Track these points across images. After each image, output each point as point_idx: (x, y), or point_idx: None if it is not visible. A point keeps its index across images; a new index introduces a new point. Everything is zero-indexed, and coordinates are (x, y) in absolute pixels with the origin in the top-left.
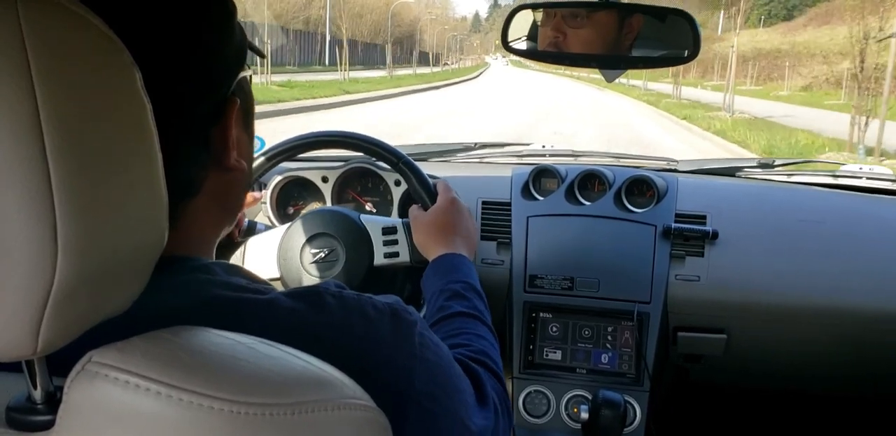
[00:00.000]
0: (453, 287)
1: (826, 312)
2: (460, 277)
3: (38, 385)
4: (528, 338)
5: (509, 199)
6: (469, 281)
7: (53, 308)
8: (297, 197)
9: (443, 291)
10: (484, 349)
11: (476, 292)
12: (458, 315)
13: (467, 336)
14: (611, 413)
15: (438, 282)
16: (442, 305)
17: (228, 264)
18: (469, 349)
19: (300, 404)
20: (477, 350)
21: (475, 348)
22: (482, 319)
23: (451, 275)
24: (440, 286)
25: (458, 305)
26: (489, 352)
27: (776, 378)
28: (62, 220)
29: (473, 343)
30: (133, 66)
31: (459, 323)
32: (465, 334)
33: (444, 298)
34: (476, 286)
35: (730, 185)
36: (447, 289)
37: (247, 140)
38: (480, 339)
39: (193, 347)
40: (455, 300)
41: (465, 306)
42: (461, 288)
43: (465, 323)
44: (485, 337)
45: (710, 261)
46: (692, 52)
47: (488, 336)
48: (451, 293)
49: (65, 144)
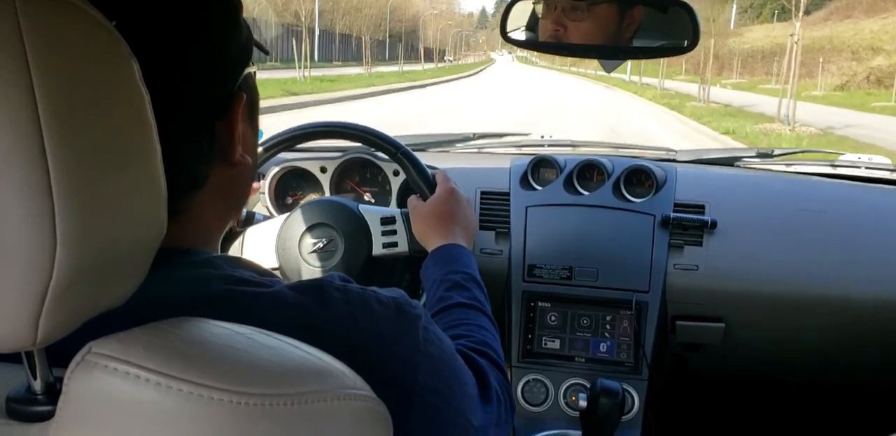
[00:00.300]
0: (453, 278)
1: (824, 300)
2: (460, 267)
3: (38, 376)
4: (526, 327)
5: (508, 189)
6: (469, 271)
7: (53, 300)
8: (296, 187)
9: (443, 281)
10: (485, 340)
11: (476, 283)
12: (459, 306)
13: (468, 327)
14: (609, 402)
15: (438, 272)
16: (442, 296)
17: (232, 257)
18: (470, 340)
19: (300, 395)
20: (478, 341)
21: (476, 338)
22: (482, 309)
23: (451, 265)
24: (440, 276)
25: (459, 295)
26: (490, 342)
27: (775, 367)
28: (61, 213)
29: (475, 334)
30: (131, 57)
31: (460, 314)
32: (466, 325)
33: (444, 289)
34: (476, 277)
35: (729, 174)
36: (447, 279)
37: (251, 135)
38: (482, 330)
39: (193, 337)
40: (455, 291)
41: (465, 297)
42: (461, 279)
43: (465, 314)
44: (486, 328)
45: (708, 250)
46: (691, 42)
47: (489, 327)
48: (451, 284)
49: (63, 137)
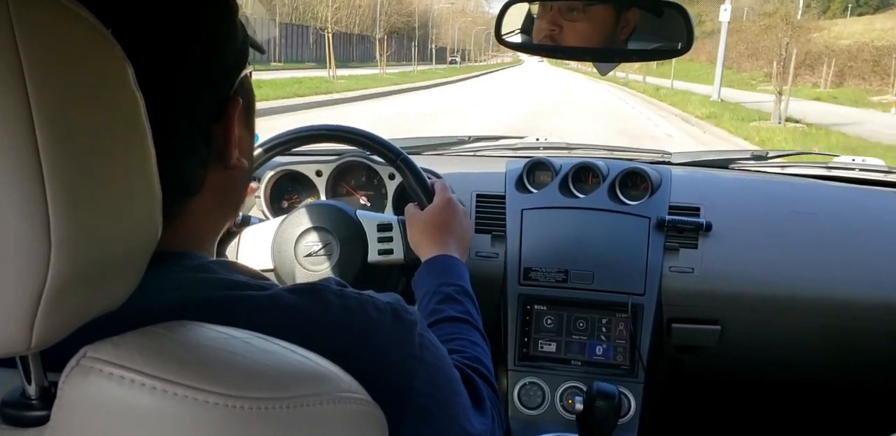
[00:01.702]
0: (446, 290)
1: (819, 302)
2: (453, 279)
3: (33, 381)
4: (522, 330)
5: (503, 192)
6: (462, 284)
7: (47, 304)
8: (291, 191)
9: (435, 293)
10: (478, 356)
11: (468, 296)
12: (452, 320)
13: (461, 342)
14: (605, 404)
15: (431, 283)
16: (434, 309)
17: (227, 261)
18: (463, 356)
19: (296, 398)
20: (471, 357)
21: (469, 354)
22: (475, 324)
23: (444, 277)
24: (433, 288)
25: (451, 309)
26: (483, 359)
27: (770, 368)
28: (55, 216)
29: (467, 350)
30: (125, 60)
31: (453, 328)
32: (459, 340)
33: (437, 301)
34: (468, 290)
35: (723, 177)
36: (439, 291)
37: (248, 138)
38: (474, 345)
39: (188, 341)
40: (448, 304)
41: (458, 311)
42: (454, 291)
43: (458, 328)
44: (478, 343)
45: (703, 253)
46: (685, 45)
47: (481, 342)
48: (444, 296)
49: (57, 141)
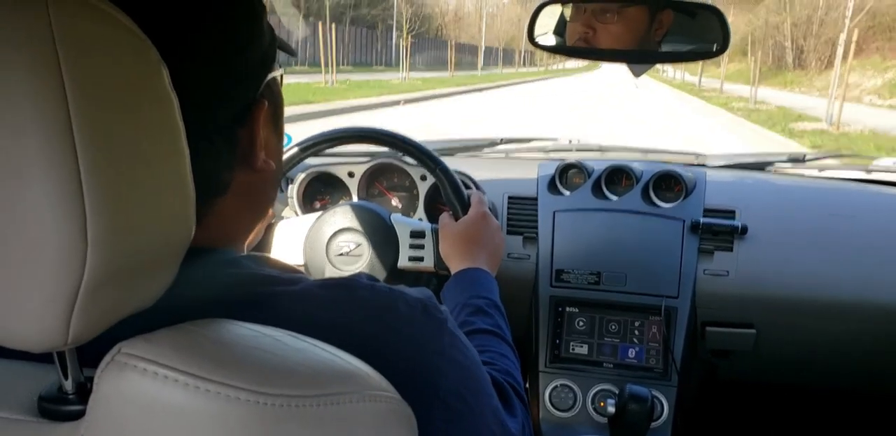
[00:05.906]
0: (476, 302)
1: (857, 307)
2: (483, 292)
3: (70, 376)
4: (554, 332)
5: (536, 194)
6: (491, 298)
7: (83, 301)
8: (324, 192)
9: (465, 305)
10: (508, 369)
11: (498, 309)
12: (482, 332)
13: (491, 355)
14: (638, 408)
15: (461, 296)
16: (465, 321)
17: (258, 255)
18: (493, 368)
19: (325, 396)
20: (501, 369)
21: (500, 367)
22: (504, 337)
23: (474, 290)
24: (463, 300)
25: (482, 321)
26: (513, 372)
27: (807, 374)
28: (92, 215)
29: (497, 362)
30: (160, 63)
31: (482, 340)
32: (489, 353)
33: (467, 314)
34: (498, 303)
35: (760, 180)
36: (469, 304)
37: (275, 141)
38: (504, 358)
39: (220, 338)
40: (478, 316)
41: (488, 324)
42: (484, 304)
43: (488, 340)
44: (507, 356)
45: (739, 256)
46: (721, 46)
47: (510, 355)
48: (474, 309)
49: (95, 141)
